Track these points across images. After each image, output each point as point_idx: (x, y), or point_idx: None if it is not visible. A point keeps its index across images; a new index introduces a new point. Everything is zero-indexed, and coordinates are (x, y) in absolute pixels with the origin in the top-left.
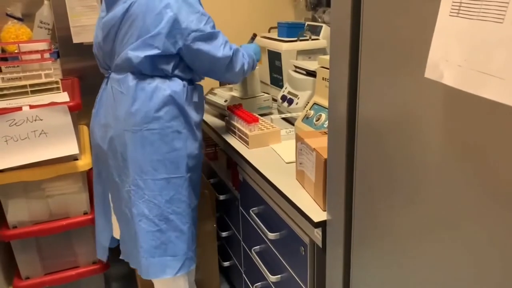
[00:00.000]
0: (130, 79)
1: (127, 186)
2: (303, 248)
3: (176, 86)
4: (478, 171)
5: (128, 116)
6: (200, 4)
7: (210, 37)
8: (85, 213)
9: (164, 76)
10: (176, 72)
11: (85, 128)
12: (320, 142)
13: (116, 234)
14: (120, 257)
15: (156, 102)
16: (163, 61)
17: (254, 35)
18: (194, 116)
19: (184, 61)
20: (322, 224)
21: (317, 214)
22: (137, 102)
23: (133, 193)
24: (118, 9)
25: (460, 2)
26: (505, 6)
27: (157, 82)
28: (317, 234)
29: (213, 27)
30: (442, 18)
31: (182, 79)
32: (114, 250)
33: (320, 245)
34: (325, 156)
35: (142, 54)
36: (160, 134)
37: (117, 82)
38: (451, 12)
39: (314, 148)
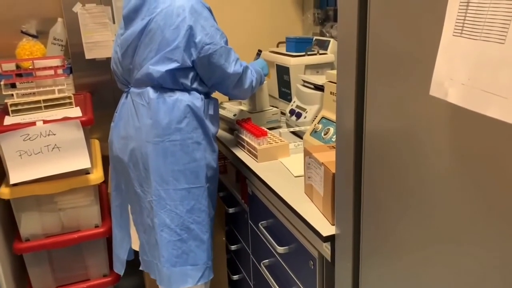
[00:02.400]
0: (151, 92)
1: (149, 197)
2: (312, 262)
3: (195, 99)
4: (486, 183)
5: (150, 127)
6: (214, 20)
7: (223, 51)
8: (96, 226)
9: (183, 90)
10: (195, 85)
11: (96, 142)
12: (328, 156)
13: (135, 245)
14: (140, 268)
15: (177, 114)
16: (182, 75)
17: (260, 51)
18: (211, 128)
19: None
20: (330, 238)
21: (326, 228)
22: (159, 114)
23: (155, 203)
24: (137, 26)
25: (463, 23)
26: (506, 28)
27: (177, 95)
28: (326, 248)
29: (226, 42)
30: (446, 37)
31: (199, 92)
32: (126, 263)
33: (329, 259)
34: (333, 170)
35: (163, 68)
36: (181, 145)
37: (138, 95)
38: (454, 32)
39: (322, 163)
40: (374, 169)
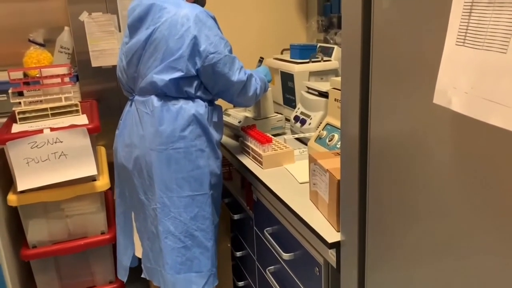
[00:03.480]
0: (155, 101)
1: (153, 204)
2: (317, 269)
3: (199, 106)
4: (495, 191)
5: (154, 135)
6: (219, 29)
7: (227, 60)
8: (103, 233)
9: (187, 98)
10: (199, 93)
11: (102, 149)
12: (333, 163)
13: (139, 253)
14: (142, 276)
15: (181, 122)
16: (187, 83)
17: (262, 58)
18: (215, 135)
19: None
20: (336, 245)
21: (331, 234)
22: (163, 122)
23: (159, 211)
24: (141, 35)
25: (466, 33)
26: (508, 37)
27: (181, 103)
28: (331, 254)
29: (230, 51)
30: (449, 47)
31: (203, 100)
32: (131, 270)
33: (335, 265)
34: (338, 177)
35: (167, 77)
36: (185, 152)
37: (142, 103)
38: (457, 41)
39: (327, 169)
40: (379, 175)
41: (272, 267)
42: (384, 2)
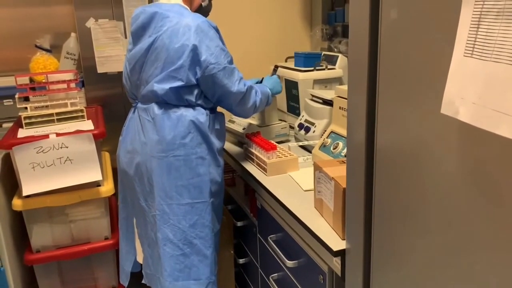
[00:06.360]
0: (156, 108)
1: (153, 211)
2: (321, 277)
3: (199, 114)
4: (498, 201)
5: (155, 143)
6: (221, 39)
7: (226, 71)
8: (106, 238)
9: (188, 106)
10: (200, 101)
11: (107, 154)
12: (338, 171)
13: (140, 258)
14: (142, 282)
15: (182, 130)
16: (187, 92)
17: (276, 67)
18: (216, 143)
19: None
20: (341, 253)
21: (336, 242)
22: (164, 129)
23: (158, 218)
24: (144, 43)
25: (474, 44)
26: None
27: (182, 110)
28: (336, 262)
29: (230, 62)
30: (457, 58)
31: (204, 108)
32: (133, 275)
33: (339, 273)
34: (344, 185)
35: (167, 86)
36: (185, 160)
37: (144, 111)
38: (465, 52)
39: (332, 177)
40: (386, 184)
41: (276, 274)
42: (391, 12)
